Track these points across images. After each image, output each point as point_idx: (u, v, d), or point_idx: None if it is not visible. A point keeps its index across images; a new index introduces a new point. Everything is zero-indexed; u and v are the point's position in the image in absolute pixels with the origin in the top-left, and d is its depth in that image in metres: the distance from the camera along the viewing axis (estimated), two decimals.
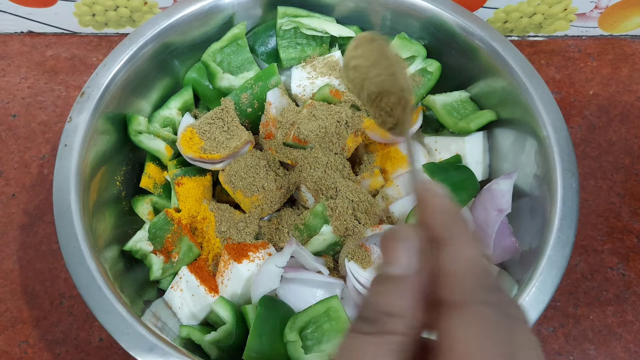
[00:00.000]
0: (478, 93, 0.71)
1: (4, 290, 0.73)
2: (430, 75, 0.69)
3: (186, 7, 0.69)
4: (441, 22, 0.69)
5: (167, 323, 0.62)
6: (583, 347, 0.70)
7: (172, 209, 0.68)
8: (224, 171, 0.67)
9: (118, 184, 0.69)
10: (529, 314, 0.54)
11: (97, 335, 0.70)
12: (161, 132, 0.70)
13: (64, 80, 0.86)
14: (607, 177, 0.80)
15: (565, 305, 0.72)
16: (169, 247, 0.66)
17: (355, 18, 0.74)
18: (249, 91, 0.70)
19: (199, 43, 0.72)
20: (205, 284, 0.63)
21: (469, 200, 0.64)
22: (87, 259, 0.56)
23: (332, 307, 0.58)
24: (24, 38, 0.90)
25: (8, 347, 0.70)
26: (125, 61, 0.66)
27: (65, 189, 0.59)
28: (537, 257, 0.58)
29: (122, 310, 0.54)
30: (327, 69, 0.71)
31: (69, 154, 0.61)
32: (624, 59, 0.89)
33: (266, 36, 0.74)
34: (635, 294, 0.73)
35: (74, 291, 0.72)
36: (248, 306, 0.59)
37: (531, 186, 0.64)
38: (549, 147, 0.61)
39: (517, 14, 0.85)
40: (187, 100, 0.73)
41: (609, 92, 0.86)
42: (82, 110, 0.63)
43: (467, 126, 0.68)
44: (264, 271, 0.60)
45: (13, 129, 0.83)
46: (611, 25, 0.88)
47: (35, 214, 0.77)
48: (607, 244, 0.76)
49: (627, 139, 0.82)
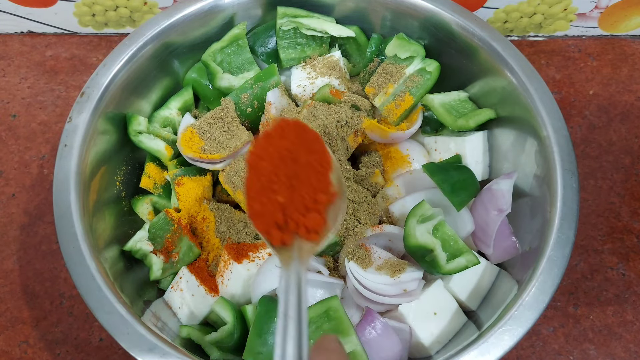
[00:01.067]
0: (477, 93, 0.71)
1: (4, 290, 0.73)
2: (429, 75, 0.69)
3: (186, 7, 0.69)
4: (441, 22, 0.69)
5: (167, 323, 0.62)
6: (583, 347, 0.70)
7: (172, 209, 0.68)
8: (224, 171, 0.67)
9: (118, 184, 0.69)
10: (529, 314, 0.54)
11: (97, 335, 0.70)
12: (161, 132, 0.70)
13: (64, 80, 0.86)
14: (607, 177, 0.80)
15: (565, 305, 0.72)
16: (169, 247, 0.66)
17: (355, 18, 0.74)
18: (249, 91, 0.70)
19: (199, 43, 0.72)
20: (205, 284, 0.63)
21: (469, 200, 0.64)
22: (87, 259, 0.56)
23: (332, 307, 0.58)
24: (24, 38, 0.90)
25: (8, 347, 0.70)
26: (125, 61, 0.66)
27: (65, 189, 0.59)
28: (537, 257, 0.58)
29: (122, 310, 0.54)
30: (327, 69, 0.71)
31: (69, 154, 0.61)
32: (624, 59, 0.89)
33: (266, 36, 0.74)
34: (635, 294, 0.73)
35: (74, 291, 0.72)
36: (248, 306, 0.59)
37: (531, 186, 0.64)
38: (549, 147, 0.61)
39: (517, 14, 0.85)
40: (187, 100, 0.73)
41: (609, 92, 0.86)
42: (82, 110, 0.63)
43: (467, 124, 0.68)
44: (264, 271, 0.60)
45: (13, 129, 0.83)
46: (611, 25, 0.88)
47: (35, 214, 0.77)
48: (607, 243, 0.76)
49: (627, 138, 0.82)
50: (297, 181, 0.41)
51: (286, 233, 0.41)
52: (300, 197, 0.41)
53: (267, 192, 0.41)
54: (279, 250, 0.41)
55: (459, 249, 0.60)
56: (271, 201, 0.41)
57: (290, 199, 0.41)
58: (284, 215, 0.40)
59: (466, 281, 0.63)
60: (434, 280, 0.62)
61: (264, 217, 0.41)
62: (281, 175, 0.42)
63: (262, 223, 0.41)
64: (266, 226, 0.41)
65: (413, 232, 0.59)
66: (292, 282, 0.38)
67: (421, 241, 0.59)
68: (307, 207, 0.41)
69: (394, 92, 0.69)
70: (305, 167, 0.42)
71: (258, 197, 0.41)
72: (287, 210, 0.41)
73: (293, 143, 0.43)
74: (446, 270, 0.60)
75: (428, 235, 0.60)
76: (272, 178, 0.42)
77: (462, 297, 0.62)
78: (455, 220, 0.64)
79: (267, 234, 0.41)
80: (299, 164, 0.42)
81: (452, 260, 0.60)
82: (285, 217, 0.40)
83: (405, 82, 0.69)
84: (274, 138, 0.43)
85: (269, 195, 0.41)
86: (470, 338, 0.56)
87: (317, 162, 0.43)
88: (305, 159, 0.42)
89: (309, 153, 0.43)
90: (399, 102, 0.68)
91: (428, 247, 0.59)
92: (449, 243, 0.61)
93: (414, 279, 0.60)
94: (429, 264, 0.60)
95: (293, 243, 0.40)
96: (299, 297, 0.38)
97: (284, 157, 0.42)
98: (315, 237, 0.41)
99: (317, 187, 0.42)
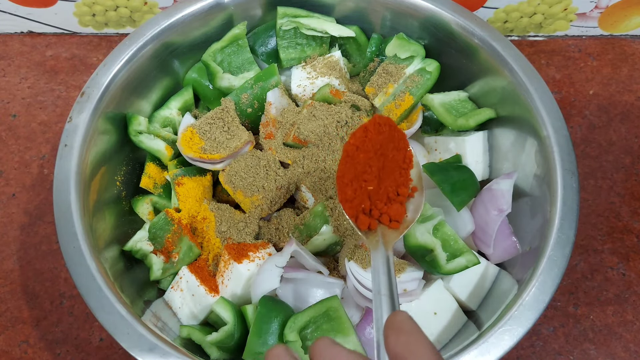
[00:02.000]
0: (477, 92, 0.71)
1: (4, 290, 0.73)
2: (429, 75, 0.69)
3: (186, 7, 0.69)
4: (441, 21, 0.69)
5: (167, 323, 0.62)
6: (583, 347, 0.70)
7: (172, 209, 0.68)
8: (224, 171, 0.67)
9: (118, 184, 0.69)
10: (529, 314, 0.54)
11: (97, 335, 0.70)
12: (161, 132, 0.70)
13: (64, 80, 0.86)
14: (607, 176, 0.80)
15: (565, 305, 0.72)
16: (169, 247, 0.66)
17: (355, 18, 0.74)
18: (249, 91, 0.70)
19: (199, 43, 0.72)
20: (206, 284, 0.63)
21: (469, 200, 0.64)
22: (87, 259, 0.56)
23: (332, 307, 0.58)
24: (24, 38, 0.90)
25: (8, 347, 0.70)
26: (125, 61, 0.66)
27: (65, 189, 0.59)
28: (537, 257, 0.58)
29: (122, 310, 0.54)
30: (327, 69, 0.71)
31: (69, 154, 0.61)
32: (624, 59, 0.89)
33: (266, 36, 0.74)
34: (635, 294, 0.73)
35: (74, 291, 0.72)
36: (248, 306, 0.59)
37: (531, 186, 0.64)
38: (549, 147, 0.61)
39: (517, 14, 0.85)
40: (187, 100, 0.73)
41: (609, 92, 0.86)
42: (82, 110, 0.63)
43: (467, 123, 0.68)
44: (264, 271, 0.60)
45: (13, 129, 0.83)
46: (611, 25, 0.88)
47: (35, 214, 0.77)
48: (607, 243, 0.76)
49: (627, 138, 0.82)
50: (384, 174, 0.45)
51: (372, 219, 0.44)
52: (385, 189, 0.45)
53: (360, 180, 0.44)
54: (366, 235, 0.44)
55: (459, 249, 0.60)
56: (362, 189, 0.44)
57: (377, 189, 0.44)
58: (371, 203, 0.44)
59: (466, 281, 0.63)
60: (434, 280, 0.62)
61: (354, 203, 0.44)
62: (373, 167, 0.45)
63: (352, 208, 0.45)
64: (355, 211, 0.45)
65: (413, 232, 0.59)
66: (380, 263, 0.42)
67: (421, 241, 0.59)
68: (390, 198, 0.44)
69: (394, 92, 0.69)
70: (392, 162, 0.45)
71: (351, 184, 0.45)
72: (373, 199, 0.44)
73: (386, 139, 0.45)
74: (446, 270, 0.60)
75: (428, 235, 0.60)
76: (365, 168, 0.45)
77: (462, 297, 0.62)
78: (455, 220, 0.64)
79: (355, 218, 0.45)
80: (387, 159, 0.45)
81: (452, 260, 0.60)
82: (371, 205, 0.44)
83: (405, 82, 0.69)
84: (371, 132, 0.47)
85: (360, 183, 0.44)
86: (471, 338, 0.56)
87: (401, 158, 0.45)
88: (392, 154, 0.46)
89: (396, 150, 0.47)
90: (399, 102, 0.68)
91: (428, 247, 0.59)
92: (449, 243, 0.61)
93: (414, 278, 0.60)
94: (429, 264, 0.60)
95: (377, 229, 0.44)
96: (389, 276, 0.41)
97: (377, 151, 0.45)
98: (396, 225, 0.45)
99: (399, 181, 0.45)
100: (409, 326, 0.35)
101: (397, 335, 0.35)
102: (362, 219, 0.44)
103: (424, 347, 0.34)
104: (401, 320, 0.35)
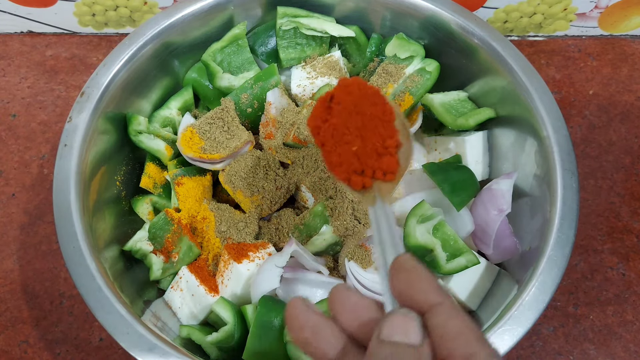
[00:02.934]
0: (477, 92, 0.71)
1: (4, 290, 0.73)
2: (429, 75, 0.69)
3: (186, 7, 0.69)
4: (441, 21, 0.69)
5: (167, 323, 0.62)
6: (583, 347, 0.70)
7: (172, 209, 0.68)
8: (224, 171, 0.67)
9: (118, 184, 0.69)
10: (529, 314, 0.54)
11: (97, 335, 0.70)
12: (161, 132, 0.70)
13: (64, 80, 0.86)
14: (607, 177, 0.80)
15: (565, 305, 0.72)
16: (169, 247, 0.66)
17: (355, 18, 0.74)
18: (249, 91, 0.70)
19: (199, 43, 0.72)
20: (205, 284, 0.63)
21: (469, 200, 0.64)
22: (87, 259, 0.56)
23: None
24: (24, 38, 0.90)
25: (8, 347, 0.70)
26: (125, 61, 0.66)
27: (65, 189, 0.59)
28: (537, 257, 0.58)
29: (122, 310, 0.54)
30: (327, 69, 0.71)
31: (69, 154, 0.61)
32: (624, 59, 0.89)
33: (266, 36, 0.74)
34: (635, 294, 0.73)
35: (74, 291, 0.72)
36: (248, 306, 0.59)
37: (531, 186, 0.64)
38: (549, 147, 0.61)
39: (517, 14, 0.85)
40: (187, 100, 0.73)
41: (609, 92, 0.86)
42: (82, 110, 0.63)
43: (466, 122, 0.68)
44: (263, 271, 0.60)
45: (13, 129, 0.83)
46: (611, 25, 0.88)
47: (35, 214, 0.77)
48: (607, 243, 0.76)
49: (627, 138, 0.82)
50: (366, 131, 0.45)
51: (365, 178, 0.44)
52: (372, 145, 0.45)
53: (341, 144, 0.45)
54: (362, 194, 0.45)
55: (459, 248, 0.60)
56: (346, 151, 0.44)
57: (363, 147, 0.45)
58: (360, 163, 0.44)
59: (466, 281, 0.63)
60: None
61: (343, 166, 0.45)
62: (351, 127, 0.45)
63: (342, 172, 0.45)
64: (346, 174, 0.45)
65: (413, 232, 0.59)
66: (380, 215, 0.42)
67: (421, 241, 0.59)
68: (379, 152, 0.45)
69: (394, 92, 0.69)
70: (371, 118, 0.45)
71: (334, 150, 0.45)
72: (362, 158, 0.44)
73: (357, 97, 0.46)
74: (446, 270, 0.60)
75: (428, 235, 0.60)
76: (344, 131, 0.45)
77: (462, 297, 0.62)
78: (455, 220, 0.64)
79: (348, 181, 0.45)
80: (365, 116, 0.45)
81: (452, 260, 0.60)
82: (361, 164, 0.44)
83: (405, 82, 0.69)
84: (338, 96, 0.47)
85: (343, 146, 0.45)
86: None
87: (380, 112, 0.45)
88: (370, 110, 0.46)
89: (372, 105, 0.46)
90: (398, 102, 0.68)
91: (428, 247, 0.59)
92: (449, 243, 0.61)
93: None
94: (429, 264, 0.60)
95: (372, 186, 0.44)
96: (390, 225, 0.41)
97: (351, 112, 0.45)
98: (391, 177, 0.45)
99: (384, 135, 0.45)
100: (410, 264, 0.36)
101: (398, 273, 0.35)
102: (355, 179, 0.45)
103: (424, 280, 0.34)
104: (403, 260, 0.36)
